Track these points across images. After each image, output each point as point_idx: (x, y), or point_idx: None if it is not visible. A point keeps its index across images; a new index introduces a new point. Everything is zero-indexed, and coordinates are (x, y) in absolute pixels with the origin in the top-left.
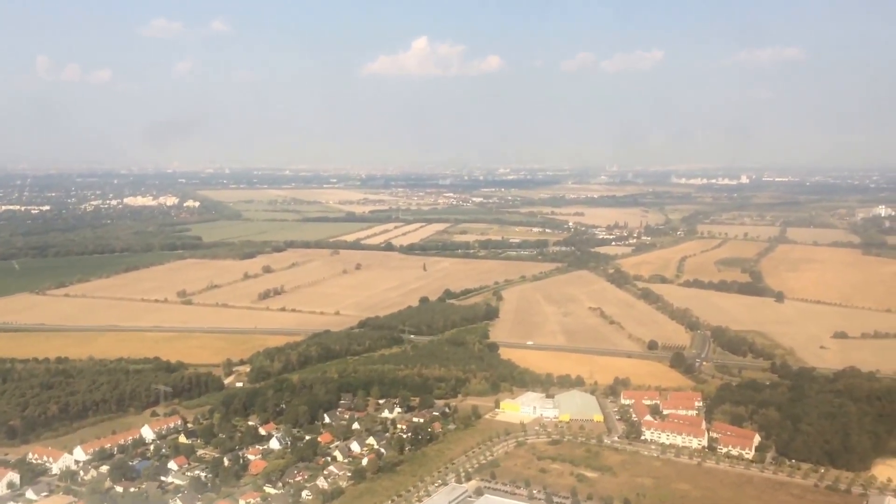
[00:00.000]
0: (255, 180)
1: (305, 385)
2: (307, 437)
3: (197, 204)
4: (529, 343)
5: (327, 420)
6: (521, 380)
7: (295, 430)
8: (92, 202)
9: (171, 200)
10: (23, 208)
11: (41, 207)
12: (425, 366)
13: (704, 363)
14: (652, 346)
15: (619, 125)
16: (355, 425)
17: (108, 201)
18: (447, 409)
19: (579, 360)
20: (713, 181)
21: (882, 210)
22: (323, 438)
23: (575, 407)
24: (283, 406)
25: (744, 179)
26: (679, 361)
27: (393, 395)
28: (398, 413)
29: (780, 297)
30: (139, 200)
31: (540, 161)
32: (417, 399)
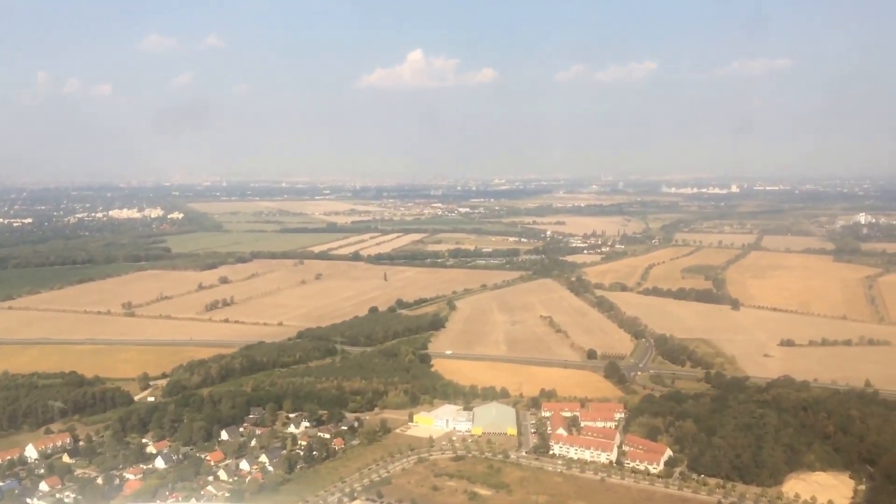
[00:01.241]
0: (251, 193)
1: (213, 399)
2: (198, 455)
3: (181, 216)
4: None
5: (225, 436)
6: (443, 392)
7: (188, 448)
8: (78, 215)
9: (155, 213)
10: (6, 221)
11: (24, 220)
12: (346, 378)
13: (640, 373)
14: (591, 355)
15: (614, 135)
16: (253, 442)
17: (93, 214)
18: (356, 424)
19: (513, 371)
20: (703, 190)
21: (862, 217)
22: (214, 456)
23: (490, 420)
24: (184, 422)
25: (734, 188)
26: (613, 371)
27: (306, 408)
28: (305, 428)
29: (735, 304)
30: (124, 213)
31: (535, 171)
32: (327, 413)
